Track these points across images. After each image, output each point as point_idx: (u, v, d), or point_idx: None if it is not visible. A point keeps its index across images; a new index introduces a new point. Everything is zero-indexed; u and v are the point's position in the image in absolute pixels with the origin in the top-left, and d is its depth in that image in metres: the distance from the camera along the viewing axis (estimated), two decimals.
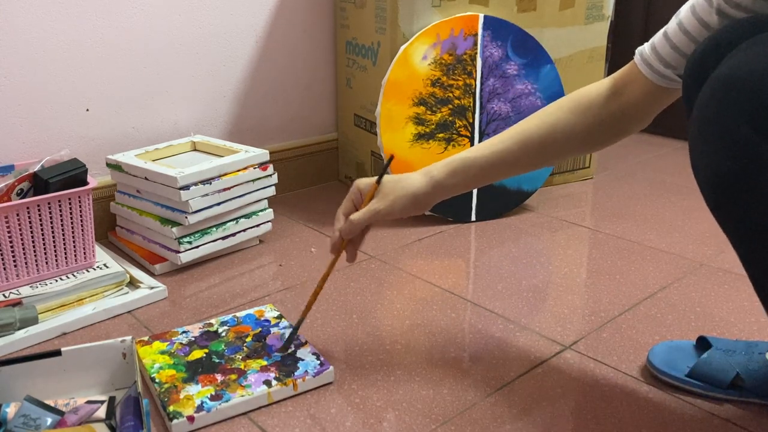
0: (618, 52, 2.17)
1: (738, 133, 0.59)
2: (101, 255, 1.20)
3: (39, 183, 1.10)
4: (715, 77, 0.62)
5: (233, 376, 0.88)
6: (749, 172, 0.59)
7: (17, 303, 1.03)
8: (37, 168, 1.12)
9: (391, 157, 0.92)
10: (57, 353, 0.84)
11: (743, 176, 0.60)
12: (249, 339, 0.97)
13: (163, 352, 0.93)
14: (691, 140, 0.65)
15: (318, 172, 1.69)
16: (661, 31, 0.79)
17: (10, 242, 1.06)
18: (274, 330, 0.99)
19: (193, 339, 0.97)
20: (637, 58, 0.82)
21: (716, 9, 0.71)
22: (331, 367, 0.90)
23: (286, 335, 0.97)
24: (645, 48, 0.81)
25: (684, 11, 0.76)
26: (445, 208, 1.43)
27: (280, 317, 1.03)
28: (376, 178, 0.91)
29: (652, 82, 0.80)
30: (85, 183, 1.13)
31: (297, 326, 0.95)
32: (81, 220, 1.13)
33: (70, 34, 1.26)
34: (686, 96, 0.70)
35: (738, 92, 0.59)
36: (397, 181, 0.89)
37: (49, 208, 1.09)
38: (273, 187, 1.33)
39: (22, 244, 1.07)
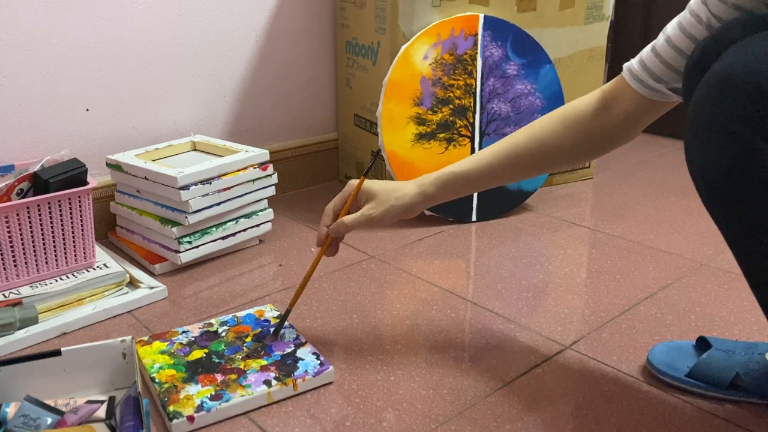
0: (618, 52, 2.17)
1: (732, 131, 0.59)
2: (101, 255, 1.20)
3: (39, 183, 1.10)
4: (709, 77, 0.62)
5: (233, 376, 0.88)
6: (743, 170, 0.60)
7: (17, 303, 1.03)
8: (37, 168, 1.12)
9: (378, 152, 1.00)
10: (57, 353, 0.84)
11: (738, 174, 0.60)
12: (249, 339, 0.97)
13: (163, 352, 0.93)
14: (687, 140, 0.65)
15: (318, 172, 1.69)
16: (649, 46, 0.81)
17: (10, 242, 1.06)
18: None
19: (193, 339, 0.97)
20: (625, 73, 0.83)
21: (706, 25, 0.72)
22: (331, 367, 0.90)
23: (286, 334, 0.97)
24: (633, 63, 0.82)
25: (671, 27, 0.77)
26: (446, 208, 1.43)
27: (279, 317, 1.03)
28: (363, 173, 0.94)
29: (642, 95, 0.82)
30: (85, 183, 1.13)
31: (285, 316, 0.96)
32: (81, 220, 1.13)
33: (71, 35, 1.26)
34: (687, 96, 0.70)
35: (731, 91, 0.59)
36: (391, 190, 0.92)
37: (49, 208, 1.09)
38: (273, 187, 1.33)
39: (22, 244, 1.07)
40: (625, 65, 0.83)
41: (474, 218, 1.46)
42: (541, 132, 0.88)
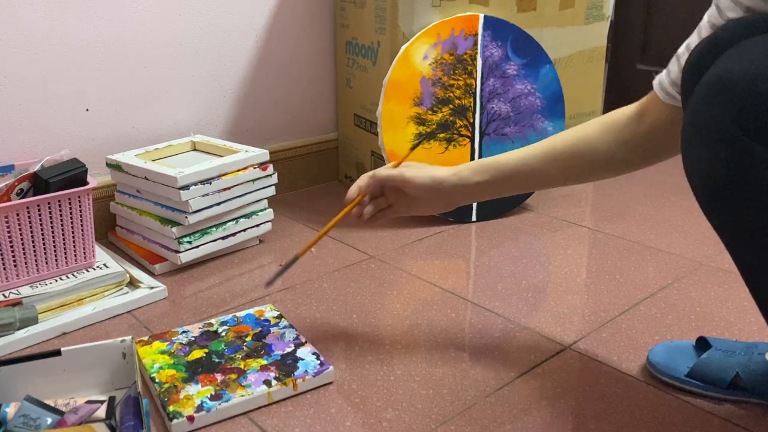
0: (618, 52, 2.17)
1: (729, 137, 0.58)
2: (101, 255, 1.20)
3: (39, 183, 1.10)
4: (707, 80, 0.61)
5: (233, 376, 0.88)
6: (740, 177, 0.59)
7: (17, 303, 1.03)
8: (37, 168, 1.12)
9: (427, 135, 1.08)
10: (57, 353, 0.84)
11: (735, 181, 0.59)
12: (249, 339, 0.97)
13: (163, 352, 0.93)
14: (684, 144, 0.64)
15: (318, 172, 1.69)
16: (675, 54, 0.80)
17: (10, 242, 1.06)
18: (274, 330, 0.99)
19: (193, 339, 0.97)
20: (654, 82, 0.83)
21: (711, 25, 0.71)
22: (331, 367, 0.90)
23: (286, 335, 0.97)
24: (662, 73, 0.82)
25: (694, 34, 0.77)
26: None
27: (280, 317, 1.03)
28: (411, 149, 1.00)
29: (669, 105, 0.81)
30: (85, 183, 1.13)
31: (291, 262, 0.92)
32: (81, 220, 1.13)
33: (71, 35, 1.26)
34: (684, 96, 0.70)
35: (729, 95, 0.59)
36: (424, 166, 0.95)
37: (49, 208, 1.09)
38: (273, 187, 1.33)
39: (22, 244, 1.07)
40: (657, 75, 0.84)
41: (474, 218, 1.46)
42: (579, 131, 0.89)
